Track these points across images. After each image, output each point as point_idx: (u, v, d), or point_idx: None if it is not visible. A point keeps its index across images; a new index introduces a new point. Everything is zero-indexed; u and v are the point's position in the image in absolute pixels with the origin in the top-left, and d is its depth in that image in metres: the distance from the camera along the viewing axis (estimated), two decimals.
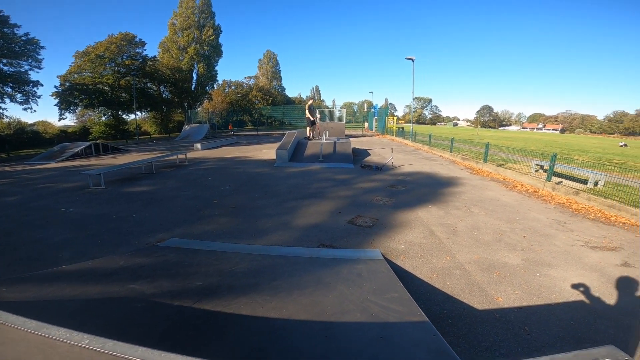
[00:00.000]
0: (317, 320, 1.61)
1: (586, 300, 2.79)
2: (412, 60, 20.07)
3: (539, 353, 2.13)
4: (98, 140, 19.50)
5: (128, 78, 30.38)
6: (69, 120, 39.91)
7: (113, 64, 30.09)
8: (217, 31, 37.26)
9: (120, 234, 4.33)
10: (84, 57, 28.50)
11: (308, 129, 13.45)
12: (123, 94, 31.27)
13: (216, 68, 39.30)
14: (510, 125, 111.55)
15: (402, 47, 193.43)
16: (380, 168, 9.51)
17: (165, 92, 36.67)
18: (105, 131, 28.80)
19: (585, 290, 2.93)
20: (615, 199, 5.84)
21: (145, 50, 32.75)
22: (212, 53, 37.51)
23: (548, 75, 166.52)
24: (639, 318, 2.14)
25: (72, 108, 29.77)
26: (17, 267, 3.41)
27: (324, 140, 12.03)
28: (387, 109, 30.29)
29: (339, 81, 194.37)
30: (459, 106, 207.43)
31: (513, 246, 3.92)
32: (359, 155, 12.89)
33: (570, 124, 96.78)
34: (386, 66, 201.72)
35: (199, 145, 16.20)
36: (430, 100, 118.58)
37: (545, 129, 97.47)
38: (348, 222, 4.70)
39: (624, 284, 3.07)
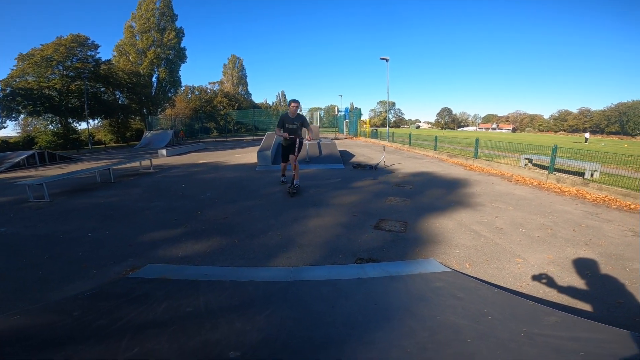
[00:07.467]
0: None
1: None
2: (387, 60, 19.96)
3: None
4: (43, 149, 16.96)
5: (79, 82, 27.29)
6: (11, 130, 35.59)
7: (62, 68, 26.91)
8: (180, 34, 35.09)
9: (71, 262, 3.13)
10: (28, 60, 25.31)
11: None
12: (73, 100, 28.11)
13: (179, 73, 37.14)
14: (467, 125, 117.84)
15: (366, 52, 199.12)
16: (374, 167, 8.93)
17: (121, 98, 33.71)
18: (53, 141, 25.57)
19: None
20: (626, 187, 5.67)
21: (98, 53, 29.88)
22: (174, 57, 35.32)
23: (498, 77, 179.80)
24: None
25: (13, 115, 26.34)
26: None
27: (308, 141, 11.23)
28: (359, 112, 30.22)
29: (304, 86, 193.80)
30: (420, 109, 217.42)
31: (573, 241, 3.41)
32: (343, 156, 12.28)
33: (520, 123, 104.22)
34: (349, 71, 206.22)
35: (164, 152, 14.63)
36: (393, 104, 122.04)
37: (498, 129, 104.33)
38: (374, 227, 3.94)
39: None
